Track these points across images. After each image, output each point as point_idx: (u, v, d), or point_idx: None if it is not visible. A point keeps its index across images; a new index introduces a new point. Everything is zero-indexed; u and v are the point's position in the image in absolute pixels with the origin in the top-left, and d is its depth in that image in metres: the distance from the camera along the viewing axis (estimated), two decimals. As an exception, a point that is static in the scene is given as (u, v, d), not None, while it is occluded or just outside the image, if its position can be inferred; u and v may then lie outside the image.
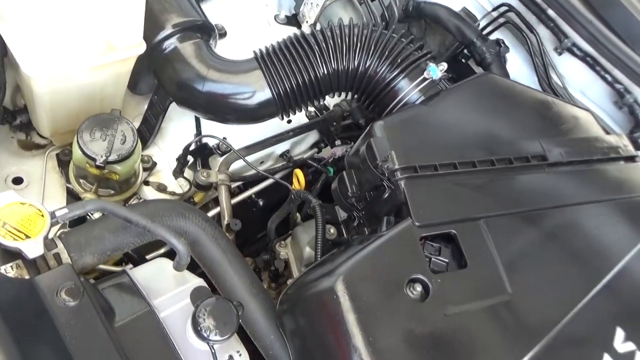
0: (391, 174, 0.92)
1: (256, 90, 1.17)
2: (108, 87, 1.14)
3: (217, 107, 1.19)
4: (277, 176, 1.36)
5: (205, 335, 0.74)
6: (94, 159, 1.00)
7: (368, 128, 1.00)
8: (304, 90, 1.17)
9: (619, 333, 0.86)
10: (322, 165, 1.40)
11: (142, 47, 1.09)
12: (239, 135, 1.35)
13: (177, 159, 1.24)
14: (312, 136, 1.50)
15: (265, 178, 1.37)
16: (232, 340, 0.81)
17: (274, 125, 1.38)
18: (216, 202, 1.30)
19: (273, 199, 1.42)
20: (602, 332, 0.86)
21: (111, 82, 1.13)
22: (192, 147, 1.27)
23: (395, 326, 0.77)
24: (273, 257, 1.27)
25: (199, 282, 0.86)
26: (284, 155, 1.44)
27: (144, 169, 1.26)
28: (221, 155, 1.30)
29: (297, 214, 1.33)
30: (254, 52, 1.18)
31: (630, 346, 0.86)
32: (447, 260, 0.86)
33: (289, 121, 1.44)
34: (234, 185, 1.38)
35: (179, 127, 1.36)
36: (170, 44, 1.16)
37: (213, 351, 0.75)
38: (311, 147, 1.50)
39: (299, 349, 0.85)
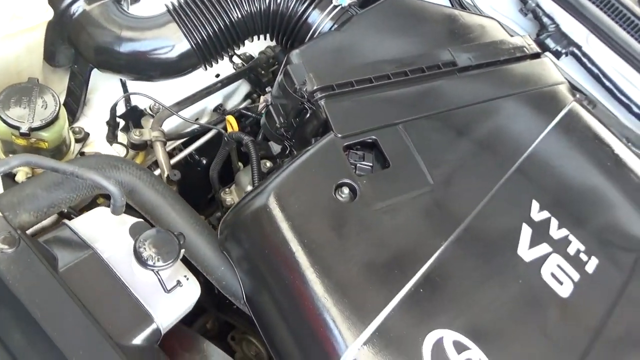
0: (310, 96, 0.96)
1: (174, 43, 1.18)
2: (22, 60, 1.13)
3: (139, 65, 1.19)
4: (212, 133, 1.38)
5: (149, 263, 0.77)
6: (17, 128, 1.00)
7: (285, 59, 1.04)
8: (222, 36, 1.19)
9: (534, 205, 0.95)
10: (257, 114, 1.43)
11: (48, 13, 1.08)
12: (170, 95, 1.36)
13: (107, 123, 1.25)
14: (244, 88, 1.52)
15: (202, 133, 1.39)
16: (178, 267, 0.84)
17: (203, 82, 1.40)
18: (157, 164, 1.31)
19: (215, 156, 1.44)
20: (519, 206, 0.94)
21: (24, 53, 1.12)
22: (122, 110, 1.27)
23: (329, 228, 0.82)
24: (221, 207, 1.30)
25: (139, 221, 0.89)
26: (218, 109, 1.46)
27: (77, 140, 1.25)
28: (153, 116, 1.31)
29: (240, 164, 1.37)
30: (166, 5, 1.19)
31: (545, 214, 0.95)
32: (371, 164, 0.91)
33: (217, 75, 1.45)
34: (172, 146, 1.39)
35: (107, 95, 1.35)
36: (78, 7, 1.15)
37: (159, 277, 0.78)
38: (244, 99, 1.52)
39: (247, 272, 0.89)
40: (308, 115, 0.98)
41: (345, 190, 0.86)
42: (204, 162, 1.48)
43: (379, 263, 0.81)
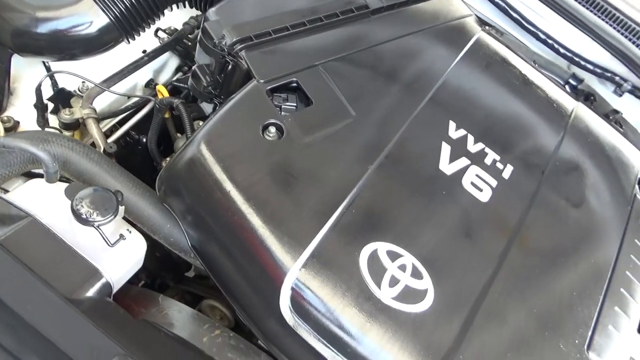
0: (230, 49, 1.00)
1: (92, 18, 1.18)
2: None
3: (59, 45, 1.19)
4: (147, 107, 1.39)
5: (89, 220, 0.79)
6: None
7: (202, 19, 1.07)
8: (140, 7, 1.20)
9: (451, 125, 1.02)
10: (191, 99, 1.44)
11: (-45, 0, 1.06)
12: (97, 75, 1.36)
13: (35, 106, 1.24)
14: (173, 61, 1.53)
15: (137, 110, 1.39)
16: (120, 222, 0.87)
17: (130, 59, 1.40)
18: (94, 145, 1.31)
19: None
20: (437, 128, 1.01)
21: None
22: (50, 94, 1.26)
23: (260, 165, 0.86)
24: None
25: (75, 186, 0.90)
26: (149, 84, 1.46)
27: (7, 130, 1.24)
28: (82, 96, 1.31)
29: (177, 134, 1.38)
30: (78, -19, 1.18)
31: (461, 132, 1.02)
32: (294, 104, 0.96)
33: (144, 51, 1.45)
34: (107, 126, 1.39)
35: (32, 82, 1.33)
36: (-14, -8, 1.14)
37: (101, 232, 0.81)
38: (175, 72, 1.53)
39: (190, 222, 0.92)
40: (230, 67, 1.01)
41: (272, 129, 0.90)
42: (144, 140, 1.49)
43: (311, 191, 0.86)
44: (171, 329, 0.89)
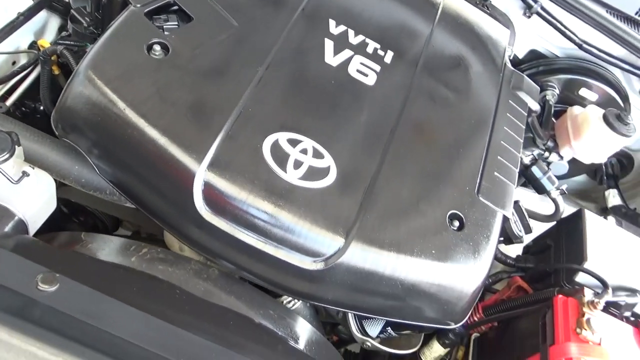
0: (100, -19, 0.99)
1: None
2: None
3: None
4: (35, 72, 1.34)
5: (-16, 161, 0.79)
6: None
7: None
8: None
9: (331, 23, 1.09)
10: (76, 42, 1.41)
11: None
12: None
13: None
14: (54, 21, 1.47)
15: (25, 77, 1.35)
16: (21, 162, 0.87)
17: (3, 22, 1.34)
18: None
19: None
20: (318, 27, 1.07)
21: None
22: None
23: (150, 83, 0.88)
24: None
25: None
26: (32, 46, 1.41)
27: None
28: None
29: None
30: None
31: (342, 28, 1.09)
32: (176, 23, 0.98)
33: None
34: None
35: None
36: None
37: (2, 171, 0.81)
38: (59, 32, 1.48)
39: (98, 155, 0.92)
40: (106, 1, 1.01)
41: (157, 48, 0.92)
42: (41, 107, 1.44)
43: (206, 98, 0.90)
44: (98, 257, 0.91)
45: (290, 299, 1.02)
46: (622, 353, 0.95)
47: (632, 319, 1.06)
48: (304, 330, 0.97)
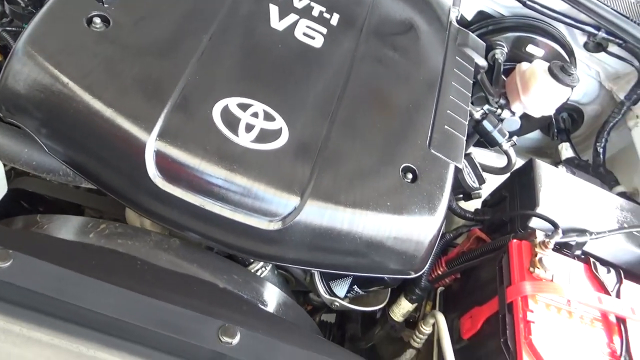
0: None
1: None
2: None
3: None
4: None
5: None
6: None
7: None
8: None
9: (276, -11, 1.09)
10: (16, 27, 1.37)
11: None
12: None
13: None
14: (-7, 8, 1.43)
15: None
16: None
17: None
18: None
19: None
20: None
21: None
22: None
23: (92, 56, 0.87)
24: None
25: None
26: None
27: None
28: None
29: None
30: None
31: (287, -6, 1.09)
32: (115, -6, 0.96)
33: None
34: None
35: None
36: None
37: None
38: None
39: (46, 134, 0.90)
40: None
41: (97, 20, 0.90)
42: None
43: (152, 68, 0.89)
44: (56, 236, 0.90)
45: (257, 267, 1.03)
46: (573, 287, 1.00)
47: (583, 257, 1.11)
48: (270, 293, 0.99)
